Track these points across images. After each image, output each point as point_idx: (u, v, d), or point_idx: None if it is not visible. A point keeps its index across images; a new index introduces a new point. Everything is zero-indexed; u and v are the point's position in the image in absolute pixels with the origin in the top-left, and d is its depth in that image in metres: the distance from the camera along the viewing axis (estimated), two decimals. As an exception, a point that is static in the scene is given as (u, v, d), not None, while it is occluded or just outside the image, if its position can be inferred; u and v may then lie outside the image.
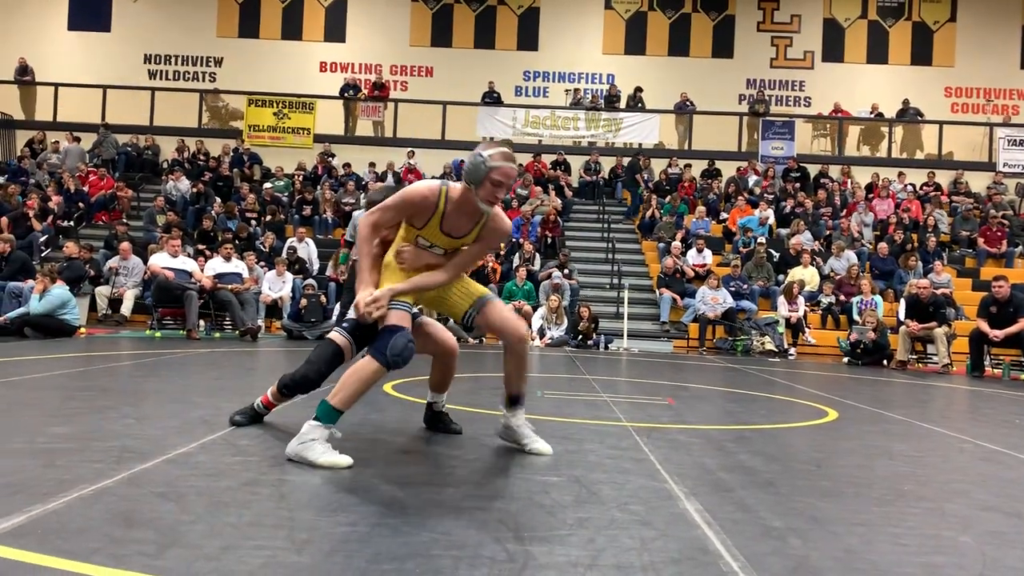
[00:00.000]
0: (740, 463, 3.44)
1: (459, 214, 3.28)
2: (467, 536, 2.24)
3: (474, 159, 3.18)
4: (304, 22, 20.77)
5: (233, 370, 6.77)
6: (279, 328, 11.60)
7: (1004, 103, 19.91)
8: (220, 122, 19.72)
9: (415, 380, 6.24)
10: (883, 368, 10.66)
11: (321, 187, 16.37)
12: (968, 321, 11.39)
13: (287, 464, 3.00)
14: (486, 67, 19.96)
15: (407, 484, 2.79)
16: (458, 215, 3.28)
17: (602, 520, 2.45)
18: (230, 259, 11.13)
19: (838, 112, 19.24)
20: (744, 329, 12.21)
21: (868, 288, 12.50)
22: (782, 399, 6.34)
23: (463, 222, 3.31)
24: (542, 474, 3.04)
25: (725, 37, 20.54)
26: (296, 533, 2.16)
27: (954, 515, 2.71)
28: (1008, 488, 3.20)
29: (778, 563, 2.09)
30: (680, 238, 14.63)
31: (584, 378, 7.21)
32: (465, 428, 3.89)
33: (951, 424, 5.37)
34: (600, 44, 20.65)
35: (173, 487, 2.57)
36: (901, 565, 2.13)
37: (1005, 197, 17.18)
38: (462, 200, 3.26)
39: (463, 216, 3.29)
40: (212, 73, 20.69)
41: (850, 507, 2.77)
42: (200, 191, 16.03)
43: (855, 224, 15.32)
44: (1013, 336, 9.70)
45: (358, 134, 19.12)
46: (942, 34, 20.24)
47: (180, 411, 4.14)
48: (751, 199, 16.13)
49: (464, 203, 3.26)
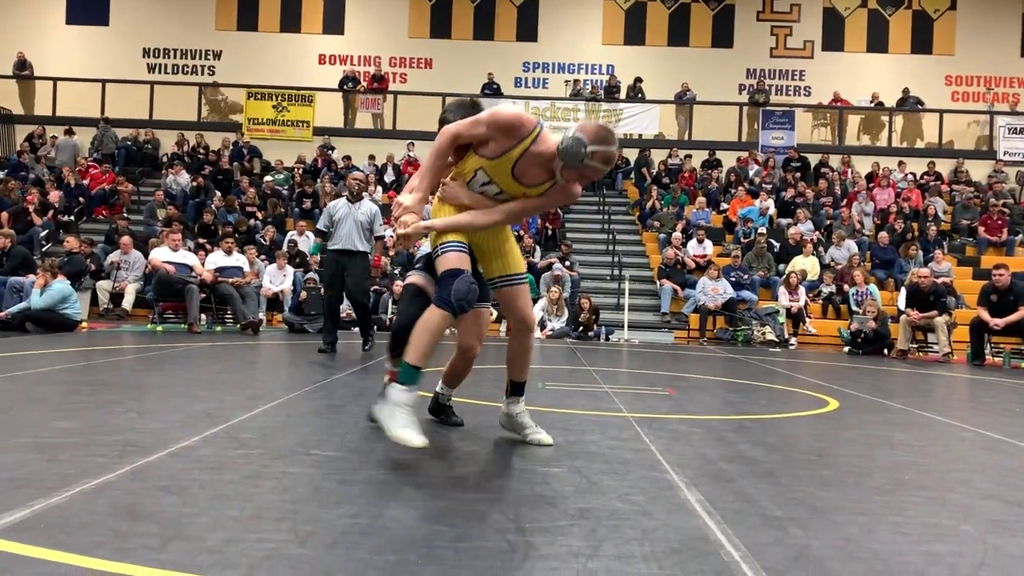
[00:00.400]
0: (740, 453, 3.45)
1: (537, 163, 3.09)
2: (469, 528, 2.25)
3: (575, 145, 2.96)
4: (303, 15, 20.72)
5: (235, 363, 6.78)
6: (280, 321, 11.62)
7: (1004, 91, 19.85)
8: (220, 116, 19.69)
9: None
10: (884, 357, 10.67)
11: (321, 180, 16.36)
12: (969, 310, 11.39)
13: (289, 456, 3.01)
14: (485, 58, 19.92)
15: (408, 476, 2.80)
16: (536, 163, 3.08)
17: (603, 511, 2.45)
18: (231, 253, 11.14)
19: (838, 101, 19.19)
20: (745, 319, 12.21)
21: (862, 279, 12.50)
22: (782, 389, 6.35)
23: (537, 172, 3.12)
24: (543, 465, 3.05)
25: (725, 27, 20.48)
26: (299, 525, 2.17)
27: (955, 504, 2.72)
28: (1009, 476, 3.21)
29: (779, 553, 2.10)
30: (681, 229, 14.62)
31: (585, 369, 7.22)
32: (467, 420, 3.90)
33: (952, 413, 5.37)
34: (600, 35, 20.59)
35: (176, 480, 2.57)
36: (902, 554, 2.14)
37: (1006, 185, 17.16)
38: (544, 153, 3.07)
39: (540, 167, 3.10)
40: (211, 66, 20.65)
41: (851, 496, 2.77)
42: (200, 185, 16.02)
43: (856, 213, 15.31)
44: (1014, 324, 9.70)
45: (358, 126, 19.10)
46: (942, 22, 20.17)
47: (183, 405, 4.15)
48: (751, 189, 16.12)
49: (545, 157, 3.07)
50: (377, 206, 8.04)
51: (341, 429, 3.67)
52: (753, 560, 2.02)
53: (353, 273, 7.63)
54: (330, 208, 7.89)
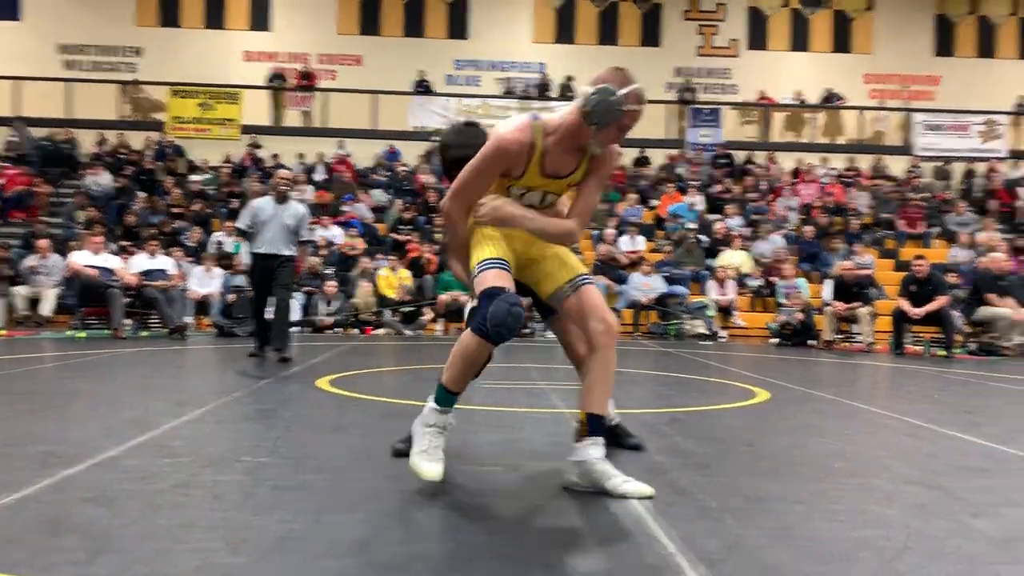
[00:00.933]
0: (675, 445, 3.50)
1: (562, 150, 2.70)
2: (407, 530, 2.23)
3: (605, 97, 2.61)
4: (227, 11, 20.26)
5: (162, 369, 6.60)
6: (209, 325, 11.37)
7: (920, 89, 20.58)
8: (142, 114, 19.13)
9: (351, 375, 6.18)
10: (810, 348, 10.97)
11: (249, 179, 16.04)
12: (890, 300, 11.77)
13: (220, 464, 2.94)
14: (416, 56, 19.78)
15: (343, 480, 2.76)
16: (561, 152, 2.70)
17: (541, 509, 2.46)
18: (155, 255, 10.87)
19: (763, 99, 19.65)
20: (676, 313, 12.41)
21: (791, 272, 12.84)
22: (714, 381, 6.47)
23: (567, 159, 2.73)
24: (480, 464, 3.04)
25: (653, 26, 20.75)
26: (231, 533, 2.12)
27: (881, 490, 2.81)
28: (929, 462, 3.33)
29: (714, 543, 2.14)
30: (614, 225, 14.79)
31: (522, 366, 7.24)
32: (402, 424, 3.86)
33: (876, 401, 5.55)
34: (531, 33, 20.65)
35: (102, 491, 2.49)
36: (834, 540, 2.20)
37: (923, 180, 17.81)
38: (565, 135, 2.68)
39: (567, 153, 2.71)
40: (132, 63, 20.03)
41: (784, 485, 2.84)
42: (122, 186, 15.56)
43: (781, 208, 15.71)
44: (933, 314, 10.07)
45: (286, 124, 18.79)
46: (860, 22, 20.80)
47: (107, 413, 4.02)
48: (680, 186, 16.39)
49: (567, 137, 2.68)
50: (305, 207, 7.75)
51: (273, 434, 3.60)
52: (689, 551, 2.05)
53: (278, 276, 7.17)
54: (254, 207, 7.36)
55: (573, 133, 2.66)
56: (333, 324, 11.65)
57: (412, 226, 14.50)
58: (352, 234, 13.99)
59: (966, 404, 5.53)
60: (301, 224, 7.35)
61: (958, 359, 9.53)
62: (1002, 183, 17.60)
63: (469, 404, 3.83)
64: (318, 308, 11.76)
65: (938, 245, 15.26)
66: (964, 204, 16.19)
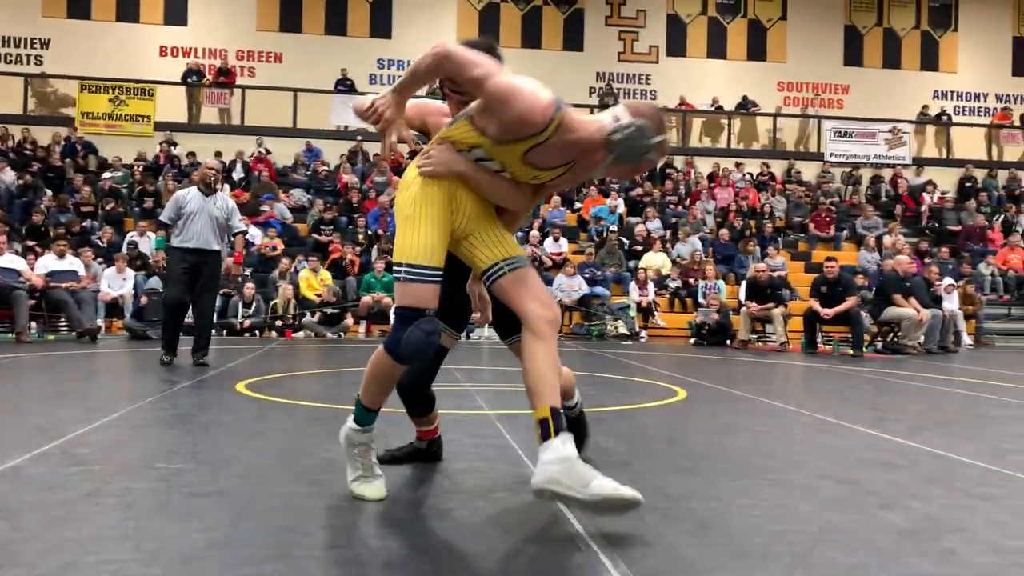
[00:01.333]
0: (596, 444, 3.53)
1: (559, 151, 2.40)
2: (331, 533, 2.19)
3: (637, 137, 2.33)
4: (141, 4, 19.62)
5: (71, 374, 6.34)
6: (121, 328, 11.00)
7: (830, 97, 21.33)
8: (49, 109, 18.39)
9: (271, 378, 6.06)
10: (726, 347, 11.24)
11: (164, 177, 15.57)
12: (802, 301, 12.16)
13: (133, 471, 2.83)
14: (338, 54, 19.53)
15: (263, 486, 2.70)
16: (557, 151, 2.40)
17: (466, 509, 2.45)
18: (64, 256, 10.44)
19: (683, 105, 20.06)
20: (599, 314, 12.56)
21: (712, 273, 13.16)
22: (635, 380, 6.56)
23: (556, 159, 2.44)
24: (403, 467, 3.01)
25: (575, 31, 20.96)
26: (145, 543, 2.04)
27: (796, 485, 2.89)
28: (841, 457, 3.44)
29: (636, 541, 2.16)
30: (537, 227, 14.88)
31: (446, 368, 7.20)
32: (327, 426, 3.80)
33: (790, 399, 5.71)
34: (454, 34, 20.59)
35: (2, 504, 2.37)
36: (752, 535, 2.25)
37: (833, 185, 18.46)
38: (576, 143, 2.38)
39: (562, 153, 2.42)
40: (38, 56, 19.22)
41: (703, 482, 2.89)
42: (28, 183, 14.91)
43: (699, 212, 16.07)
44: (842, 314, 10.43)
45: (203, 122, 18.31)
46: (774, 31, 21.44)
47: (10, 420, 3.84)
48: (602, 189, 16.61)
49: (576, 148, 2.40)
50: (233, 201, 7.49)
51: (190, 439, 3.50)
52: (612, 550, 2.07)
53: (204, 274, 6.86)
54: (178, 199, 6.95)
55: (585, 147, 2.41)
56: (251, 327, 11.40)
57: (333, 227, 14.30)
58: (271, 235, 13.72)
59: (874, 401, 5.75)
60: (232, 215, 7.07)
61: (866, 358, 9.90)
62: (906, 189, 18.42)
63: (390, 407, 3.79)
64: (237, 310, 11.49)
65: (847, 248, 15.84)
66: (871, 209, 16.87)
